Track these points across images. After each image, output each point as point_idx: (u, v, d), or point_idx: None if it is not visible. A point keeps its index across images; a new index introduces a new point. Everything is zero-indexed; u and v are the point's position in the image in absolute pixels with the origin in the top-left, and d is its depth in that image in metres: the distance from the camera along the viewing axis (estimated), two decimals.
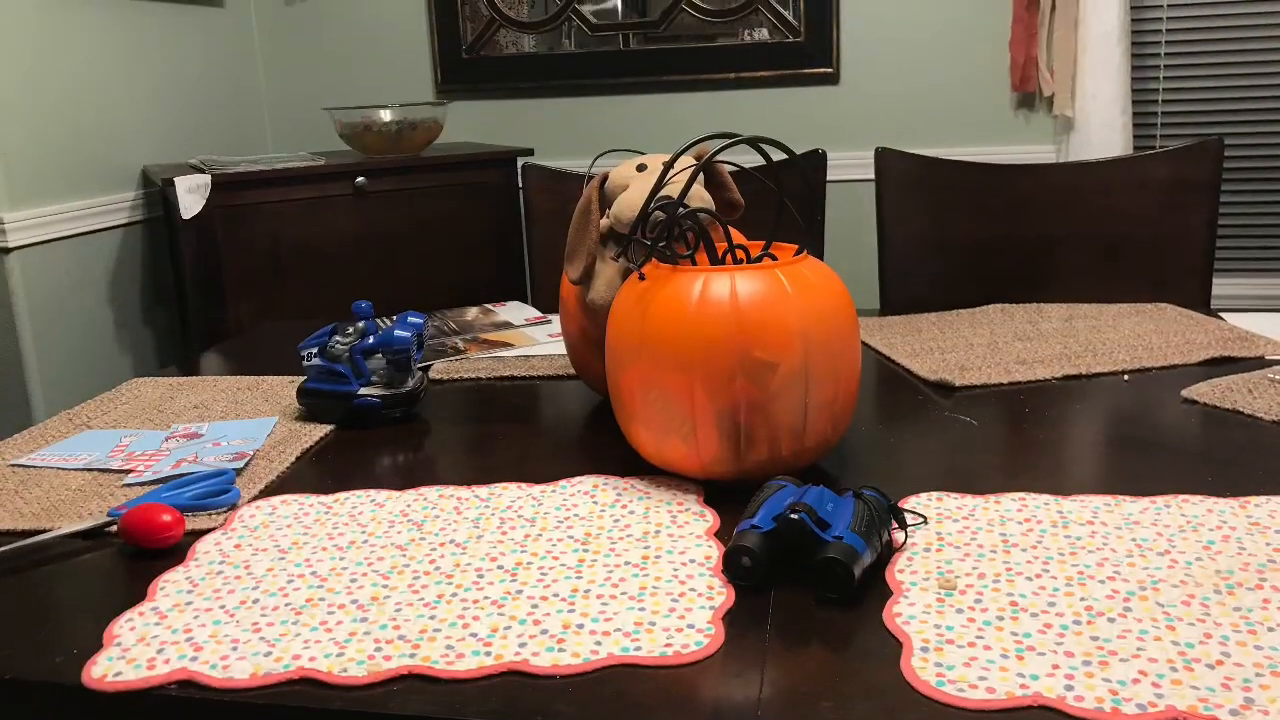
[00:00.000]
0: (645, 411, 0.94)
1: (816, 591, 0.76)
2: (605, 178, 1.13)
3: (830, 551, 0.75)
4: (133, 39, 2.56)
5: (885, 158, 1.90)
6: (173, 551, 0.88)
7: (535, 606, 0.76)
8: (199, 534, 0.91)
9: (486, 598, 0.78)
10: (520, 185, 2.15)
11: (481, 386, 1.32)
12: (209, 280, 2.25)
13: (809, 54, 2.84)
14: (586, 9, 2.93)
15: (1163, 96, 2.75)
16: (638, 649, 0.70)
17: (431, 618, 0.75)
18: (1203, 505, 0.88)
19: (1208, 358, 1.28)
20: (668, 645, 0.70)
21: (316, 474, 1.05)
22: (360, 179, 2.40)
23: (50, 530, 0.91)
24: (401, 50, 3.07)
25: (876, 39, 2.83)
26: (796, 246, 1.02)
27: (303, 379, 1.21)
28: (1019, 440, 1.05)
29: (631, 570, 0.81)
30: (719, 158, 1.05)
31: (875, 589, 0.77)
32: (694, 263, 0.97)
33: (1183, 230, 1.81)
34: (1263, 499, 0.88)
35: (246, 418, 1.21)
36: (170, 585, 0.82)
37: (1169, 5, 2.69)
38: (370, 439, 1.14)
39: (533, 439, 1.12)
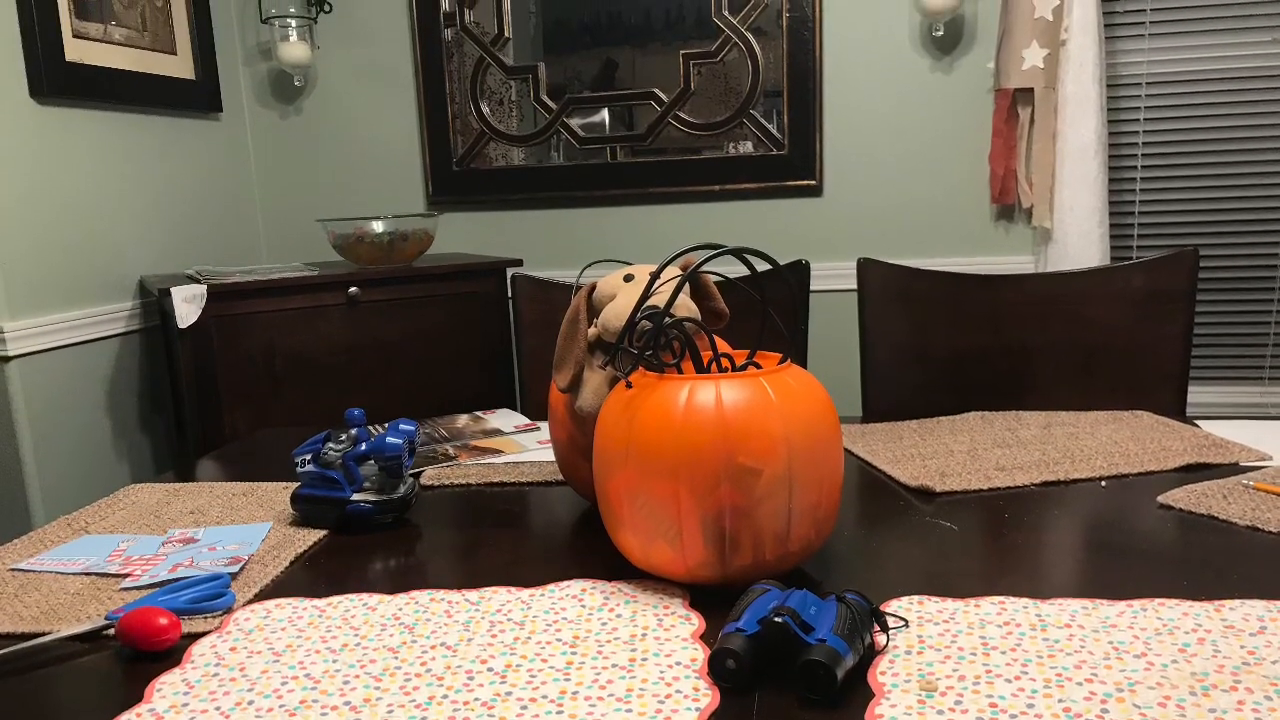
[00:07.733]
0: (632, 517, 0.96)
1: (800, 693, 0.77)
2: (593, 288, 1.16)
3: (814, 654, 0.76)
4: (130, 152, 2.62)
5: (867, 268, 1.93)
6: (169, 654, 0.89)
7: (524, 708, 0.77)
8: (195, 637, 0.92)
9: (477, 699, 0.79)
10: (510, 295, 2.18)
11: (471, 492, 1.33)
12: (205, 388, 2.27)
13: (793, 166, 2.91)
14: (575, 122, 3.00)
15: (1139, 208, 2.80)
16: None
17: (423, 719, 0.76)
18: (1178, 609, 0.89)
19: (1183, 464, 1.30)
20: None
21: (310, 578, 1.06)
22: (353, 289, 2.43)
23: (49, 633, 0.92)
24: (393, 162, 3.13)
25: (858, 152, 2.89)
26: (780, 355, 1.04)
27: (297, 485, 1.23)
28: (998, 545, 1.07)
29: (619, 672, 0.82)
30: (704, 268, 1.09)
31: (857, 691, 0.78)
32: (680, 371, 1.00)
33: (1159, 339, 1.83)
34: (1237, 602, 0.90)
35: (242, 523, 1.22)
36: (167, 687, 0.83)
37: (1145, 119, 2.76)
38: (363, 544, 1.15)
39: (522, 544, 1.13)
